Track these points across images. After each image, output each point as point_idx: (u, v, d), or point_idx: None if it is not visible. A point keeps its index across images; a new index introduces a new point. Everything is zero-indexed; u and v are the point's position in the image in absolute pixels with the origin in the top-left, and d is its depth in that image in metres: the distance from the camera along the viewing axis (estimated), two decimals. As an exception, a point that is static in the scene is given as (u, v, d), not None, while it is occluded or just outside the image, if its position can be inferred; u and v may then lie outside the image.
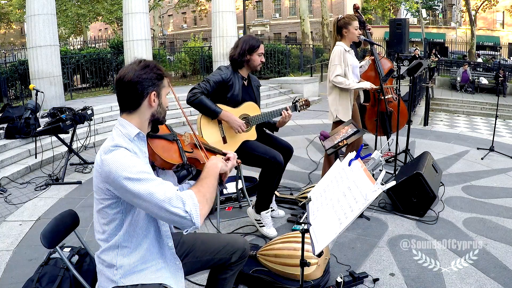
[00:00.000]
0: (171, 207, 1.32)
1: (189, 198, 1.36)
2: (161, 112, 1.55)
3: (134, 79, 1.46)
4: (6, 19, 30.34)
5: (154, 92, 1.49)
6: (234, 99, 2.89)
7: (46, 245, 1.61)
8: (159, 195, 1.32)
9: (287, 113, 2.93)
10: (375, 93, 4.68)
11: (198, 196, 1.39)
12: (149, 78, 1.48)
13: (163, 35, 35.20)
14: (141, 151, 1.49)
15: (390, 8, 32.23)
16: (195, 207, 1.34)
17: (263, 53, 2.97)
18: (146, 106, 1.49)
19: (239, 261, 1.78)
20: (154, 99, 1.50)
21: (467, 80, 17.24)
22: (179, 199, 1.33)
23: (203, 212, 1.37)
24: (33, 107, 5.47)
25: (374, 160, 3.22)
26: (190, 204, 1.34)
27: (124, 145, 1.42)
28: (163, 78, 1.53)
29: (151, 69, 1.49)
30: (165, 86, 1.55)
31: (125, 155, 1.39)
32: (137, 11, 9.34)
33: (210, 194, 1.45)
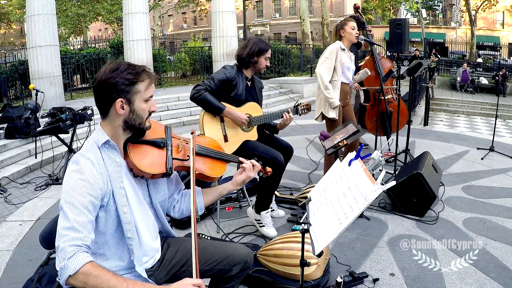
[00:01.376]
0: (57, 254, 1.24)
1: (74, 262, 1.20)
2: (135, 119, 1.42)
3: (99, 85, 1.37)
4: (6, 19, 30.34)
5: (121, 100, 1.37)
6: (238, 98, 2.91)
7: (45, 246, 1.61)
8: (58, 238, 1.25)
9: (288, 115, 2.95)
10: (375, 93, 4.69)
11: (82, 272, 1.20)
12: (115, 84, 1.36)
13: (163, 35, 35.20)
14: (110, 159, 1.41)
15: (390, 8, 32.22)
16: (66, 273, 1.19)
17: (269, 57, 3.01)
18: (114, 113, 1.40)
19: (240, 273, 1.72)
20: (123, 106, 1.38)
21: (467, 80, 17.25)
22: (66, 255, 1.21)
23: (72, 283, 1.22)
24: (33, 107, 5.47)
25: (374, 160, 3.23)
26: (67, 266, 1.19)
27: (89, 154, 1.37)
28: (135, 83, 1.39)
29: (119, 73, 1.37)
30: (140, 91, 1.40)
31: (77, 178, 1.31)
32: (137, 11, 9.34)
33: (94, 286, 1.22)
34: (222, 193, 1.74)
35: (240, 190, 3.50)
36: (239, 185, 1.72)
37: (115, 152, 1.43)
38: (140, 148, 1.50)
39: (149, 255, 1.58)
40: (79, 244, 1.24)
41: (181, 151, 1.60)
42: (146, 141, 1.52)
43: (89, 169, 1.35)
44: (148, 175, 1.48)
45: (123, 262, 1.46)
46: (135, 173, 1.49)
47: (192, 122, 7.73)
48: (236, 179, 1.72)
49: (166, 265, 1.64)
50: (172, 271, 1.65)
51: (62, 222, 1.27)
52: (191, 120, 7.82)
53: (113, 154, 1.43)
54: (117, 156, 1.43)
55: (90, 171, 1.35)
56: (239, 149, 2.89)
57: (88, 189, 1.31)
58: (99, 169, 1.37)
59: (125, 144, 1.49)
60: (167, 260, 1.65)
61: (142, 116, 1.44)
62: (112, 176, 1.40)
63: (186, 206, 1.70)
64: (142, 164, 1.45)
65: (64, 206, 1.29)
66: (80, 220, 1.27)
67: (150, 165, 1.47)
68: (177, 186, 1.73)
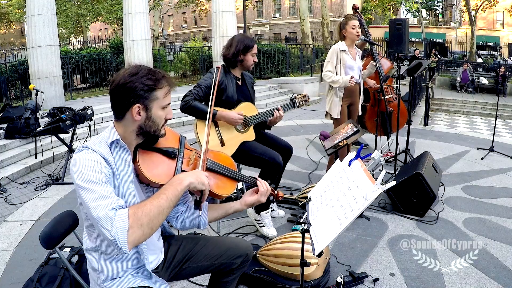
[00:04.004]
0: (101, 227, 1.21)
1: (120, 220, 1.21)
2: (151, 126, 1.39)
3: (117, 88, 1.35)
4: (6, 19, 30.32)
5: (139, 105, 1.35)
6: (230, 101, 2.88)
7: (45, 247, 1.61)
8: (94, 211, 1.22)
9: (278, 113, 2.96)
10: (375, 93, 4.69)
11: (131, 220, 1.22)
12: (134, 89, 1.33)
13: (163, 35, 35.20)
14: (120, 157, 1.38)
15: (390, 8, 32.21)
16: (123, 232, 1.20)
17: (256, 53, 2.97)
18: (130, 118, 1.37)
19: (241, 266, 1.74)
20: (140, 112, 1.36)
21: (467, 80, 17.24)
22: (109, 220, 1.20)
23: (133, 238, 1.21)
24: (33, 107, 5.47)
25: (374, 160, 3.22)
26: (118, 227, 1.20)
27: (95, 148, 1.33)
28: (154, 90, 1.36)
29: (139, 78, 1.34)
30: (159, 98, 1.38)
31: (85, 158, 1.30)
32: (137, 11, 9.33)
33: (149, 218, 1.25)
34: (228, 211, 1.67)
35: (240, 190, 3.50)
36: (247, 207, 1.66)
37: (125, 152, 1.41)
38: (150, 156, 1.45)
39: (155, 254, 1.59)
40: (114, 206, 1.24)
41: (191, 164, 1.53)
42: (158, 149, 1.47)
43: (95, 156, 1.33)
44: (154, 184, 1.44)
45: (131, 262, 1.46)
46: (141, 180, 1.46)
47: (192, 122, 7.72)
48: (246, 199, 1.64)
49: (168, 263, 1.66)
50: (174, 269, 1.67)
51: (88, 195, 1.25)
52: (191, 120, 7.79)
53: (123, 153, 1.40)
54: (127, 156, 1.41)
55: (97, 156, 1.33)
56: (238, 151, 2.87)
57: (99, 168, 1.30)
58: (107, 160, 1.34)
59: (135, 149, 1.46)
60: (169, 259, 1.67)
61: (158, 123, 1.41)
62: (121, 174, 1.38)
63: (189, 219, 1.66)
64: (149, 172, 1.41)
65: (84, 184, 1.26)
66: (105, 189, 1.27)
67: (157, 174, 1.42)
68: (184, 198, 1.70)
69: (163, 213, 1.29)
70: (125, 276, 1.45)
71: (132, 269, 1.46)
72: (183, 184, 1.35)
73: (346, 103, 3.87)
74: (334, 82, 3.68)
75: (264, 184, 1.63)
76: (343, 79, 3.63)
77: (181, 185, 1.35)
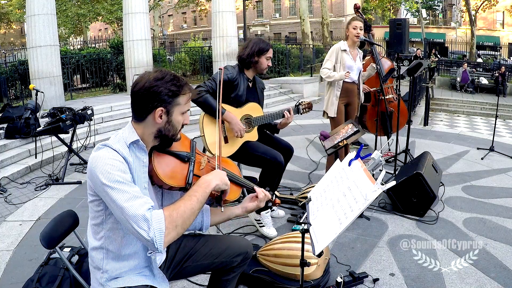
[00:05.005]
0: (137, 227, 1.25)
1: (157, 221, 1.26)
2: (169, 130, 1.44)
3: (143, 90, 1.38)
4: (6, 19, 30.33)
5: (162, 109, 1.39)
6: (238, 99, 2.90)
7: (45, 246, 1.61)
8: (128, 211, 1.25)
9: (289, 114, 2.95)
10: (375, 93, 4.69)
11: (168, 221, 1.28)
12: (159, 93, 1.37)
13: (163, 35, 35.20)
14: (138, 158, 1.41)
15: (390, 8, 32.23)
16: (160, 233, 1.25)
17: (271, 57, 3.00)
18: (151, 121, 1.41)
19: (241, 264, 1.76)
20: (161, 115, 1.40)
21: (467, 80, 17.24)
22: (146, 221, 1.25)
23: (168, 238, 1.28)
24: (33, 107, 5.47)
25: (374, 160, 3.22)
26: (156, 228, 1.25)
27: (115, 147, 1.35)
28: (178, 96, 1.41)
29: (164, 83, 1.38)
30: (181, 104, 1.43)
31: (108, 157, 1.32)
32: (137, 11, 9.33)
33: (183, 220, 1.31)
34: (229, 216, 1.72)
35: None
36: (247, 212, 1.72)
37: (143, 153, 1.43)
38: (164, 158, 1.49)
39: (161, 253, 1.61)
40: (149, 207, 1.28)
41: (203, 168, 1.59)
42: (172, 152, 1.51)
43: (117, 155, 1.34)
44: (167, 186, 1.48)
45: (140, 260, 1.47)
46: (154, 181, 1.49)
47: (192, 122, 7.70)
48: (246, 205, 1.69)
49: (168, 263, 1.67)
50: (175, 268, 1.68)
51: (120, 195, 1.27)
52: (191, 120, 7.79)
53: (141, 154, 1.43)
54: (144, 157, 1.43)
55: (118, 156, 1.34)
56: (240, 150, 2.88)
57: (124, 168, 1.33)
58: (126, 160, 1.36)
59: (150, 151, 1.49)
60: (170, 258, 1.68)
61: (176, 128, 1.46)
62: (138, 175, 1.40)
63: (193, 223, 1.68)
64: (163, 174, 1.45)
65: (113, 184, 1.28)
66: (135, 189, 1.31)
67: (171, 176, 1.46)
68: None
69: (194, 214, 1.36)
70: (128, 275, 1.46)
71: (139, 268, 1.47)
72: (210, 186, 1.42)
73: (343, 103, 3.89)
74: (330, 77, 3.73)
75: (262, 191, 1.69)
76: (339, 74, 3.69)
77: (209, 187, 1.42)
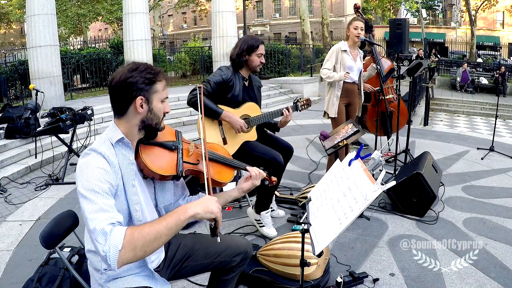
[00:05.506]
0: (95, 240, 1.22)
1: (114, 237, 1.21)
2: (152, 119, 1.45)
3: (119, 83, 1.40)
4: (6, 19, 30.32)
5: (141, 98, 1.40)
6: (235, 99, 2.89)
7: (45, 246, 1.61)
8: (91, 223, 1.23)
9: (288, 112, 2.94)
10: (375, 93, 4.69)
11: (126, 240, 1.21)
12: (136, 82, 1.39)
13: (163, 35, 35.19)
14: (124, 156, 1.42)
15: (390, 8, 32.22)
16: (115, 250, 1.19)
17: (263, 53, 2.93)
18: (133, 112, 1.42)
19: (241, 264, 1.76)
20: (142, 104, 1.41)
21: (467, 80, 17.24)
22: (104, 235, 1.20)
23: (124, 258, 1.21)
24: (33, 107, 5.47)
25: (374, 160, 3.22)
26: (112, 244, 1.19)
27: (101, 150, 1.36)
28: (154, 83, 1.43)
29: (139, 72, 1.41)
30: (158, 91, 1.44)
31: (92, 165, 1.32)
32: (137, 11, 9.34)
33: (144, 242, 1.23)
34: (227, 199, 1.73)
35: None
36: (244, 192, 1.73)
37: (129, 150, 1.44)
38: (152, 150, 1.50)
39: (156, 253, 1.60)
40: (113, 222, 1.25)
41: (191, 155, 1.60)
42: (158, 142, 1.52)
43: (102, 160, 1.35)
44: (158, 176, 1.48)
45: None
46: (145, 174, 1.50)
47: (192, 122, 7.73)
48: (242, 186, 1.72)
49: (168, 262, 1.67)
50: (174, 268, 1.68)
51: (88, 206, 1.26)
52: (191, 120, 7.82)
53: (127, 152, 1.43)
54: (130, 154, 1.44)
55: (103, 162, 1.35)
56: (239, 150, 2.88)
57: (105, 176, 1.32)
58: (112, 164, 1.37)
59: (136, 145, 1.50)
60: (169, 257, 1.68)
61: (159, 116, 1.47)
62: (124, 173, 1.41)
63: None
64: (153, 165, 1.45)
65: (86, 192, 1.28)
66: (106, 202, 1.28)
67: (161, 166, 1.47)
68: (183, 192, 1.73)
69: (160, 240, 1.27)
70: (127, 276, 1.46)
71: (134, 269, 1.47)
72: (187, 214, 1.34)
73: (344, 103, 3.89)
74: (330, 77, 3.74)
75: (254, 169, 1.70)
76: (339, 74, 3.70)
77: (185, 214, 1.34)
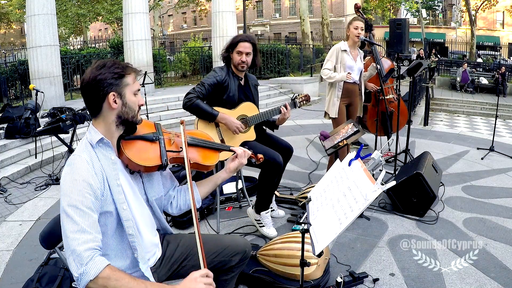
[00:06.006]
0: (72, 261, 1.24)
1: (92, 267, 1.22)
2: (128, 112, 1.46)
3: (89, 82, 1.40)
4: (6, 19, 30.31)
5: (113, 93, 1.41)
6: (231, 100, 2.88)
7: (45, 246, 1.61)
8: (70, 242, 1.25)
9: (286, 109, 2.94)
10: (376, 93, 4.69)
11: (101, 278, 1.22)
12: (105, 79, 1.40)
13: (163, 35, 35.19)
14: (105, 157, 1.43)
15: (390, 8, 32.21)
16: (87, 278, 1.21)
17: (242, 51, 2.82)
18: (107, 108, 1.42)
19: (240, 263, 1.76)
20: (115, 100, 1.42)
21: (467, 80, 17.24)
22: (81, 259, 1.22)
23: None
24: (33, 107, 5.47)
25: (374, 160, 3.22)
26: (86, 271, 1.21)
27: (84, 155, 1.37)
28: (124, 76, 1.43)
29: (107, 68, 1.41)
30: (129, 84, 1.45)
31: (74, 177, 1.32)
32: (137, 11, 9.34)
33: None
34: (217, 182, 1.77)
35: (240, 190, 3.50)
36: (232, 172, 1.76)
37: (110, 150, 1.45)
38: (134, 144, 1.52)
39: (151, 251, 1.60)
40: (93, 247, 1.26)
41: (173, 143, 1.63)
42: (138, 136, 1.54)
43: (85, 169, 1.35)
44: (143, 168, 1.50)
45: (126, 262, 1.47)
46: (131, 168, 1.51)
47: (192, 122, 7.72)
48: (229, 166, 1.75)
49: (167, 262, 1.66)
50: (173, 267, 1.68)
51: (69, 225, 1.27)
52: (191, 120, 7.77)
53: (108, 152, 1.45)
54: (111, 154, 1.45)
55: (86, 171, 1.35)
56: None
57: (88, 190, 1.33)
58: (95, 168, 1.38)
59: (118, 142, 1.51)
60: (168, 257, 1.67)
61: (134, 108, 1.47)
62: (108, 174, 1.42)
63: (183, 201, 1.73)
64: (137, 158, 1.47)
65: (68, 209, 1.29)
66: (87, 222, 1.29)
67: (145, 158, 1.49)
68: (172, 183, 1.75)
69: None
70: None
71: (128, 269, 1.46)
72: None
73: (345, 103, 3.89)
74: (331, 78, 3.75)
75: (239, 148, 1.75)
76: (340, 75, 3.71)
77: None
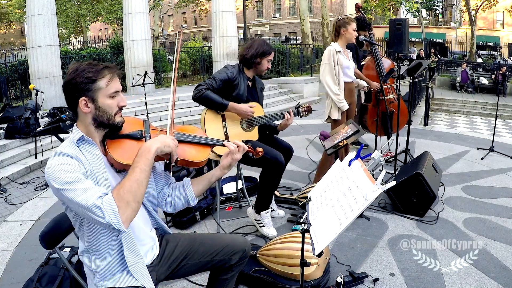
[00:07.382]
0: (94, 216, 1.26)
1: (108, 205, 1.27)
2: (102, 116, 1.44)
3: (64, 86, 1.43)
4: (6, 19, 30.31)
5: (83, 98, 1.41)
6: (239, 98, 2.92)
7: (45, 246, 1.61)
8: (83, 204, 1.27)
9: (289, 116, 2.97)
10: (376, 93, 4.69)
11: (117, 201, 1.28)
12: (76, 84, 1.40)
13: (163, 35, 35.18)
14: (89, 152, 1.43)
15: (390, 8, 32.21)
16: (115, 215, 1.26)
17: (271, 60, 3.03)
18: (82, 112, 1.44)
19: (239, 262, 1.77)
20: (87, 104, 1.42)
21: (467, 80, 17.24)
22: (98, 208, 1.26)
23: (125, 216, 1.28)
24: (33, 107, 5.47)
25: (374, 160, 3.22)
26: (109, 212, 1.26)
27: (65, 151, 1.37)
28: (95, 81, 1.41)
29: (80, 72, 1.41)
30: (102, 88, 1.42)
31: (56, 164, 1.33)
32: (137, 11, 9.35)
33: (132, 194, 1.31)
34: (211, 180, 1.74)
35: (240, 190, 3.50)
36: (226, 169, 1.73)
37: (93, 146, 1.46)
38: (118, 143, 1.52)
39: (147, 244, 1.59)
40: (99, 195, 1.29)
41: None
42: (123, 135, 1.54)
43: (65, 159, 1.36)
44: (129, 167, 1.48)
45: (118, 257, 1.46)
46: (116, 167, 1.51)
47: (192, 122, 7.73)
48: (222, 163, 1.71)
49: (166, 260, 1.67)
50: (172, 266, 1.68)
51: (72, 194, 1.28)
52: (191, 120, 7.82)
53: (91, 148, 1.45)
54: (95, 150, 1.46)
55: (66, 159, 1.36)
56: (240, 149, 2.89)
57: (72, 168, 1.34)
58: (81, 161, 1.38)
59: (104, 141, 1.51)
60: (167, 255, 1.68)
61: (109, 112, 1.45)
62: (94, 167, 1.42)
63: (177, 199, 1.71)
64: (121, 157, 1.47)
65: (64, 186, 1.29)
66: (85, 184, 1.31)
67: (130, 157, 1.47)
68: (167, 181, 1.73)
69: (142, 184, 1.35)
70: (118, 274, 1.46)
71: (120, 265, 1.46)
72: (151, 151, 1.41)
73: None
74: (339, 102, 3.73)
75: (231, 143, 1.71)
76: (345, 106, 3.76)
77: (150, 153, 1.40)
